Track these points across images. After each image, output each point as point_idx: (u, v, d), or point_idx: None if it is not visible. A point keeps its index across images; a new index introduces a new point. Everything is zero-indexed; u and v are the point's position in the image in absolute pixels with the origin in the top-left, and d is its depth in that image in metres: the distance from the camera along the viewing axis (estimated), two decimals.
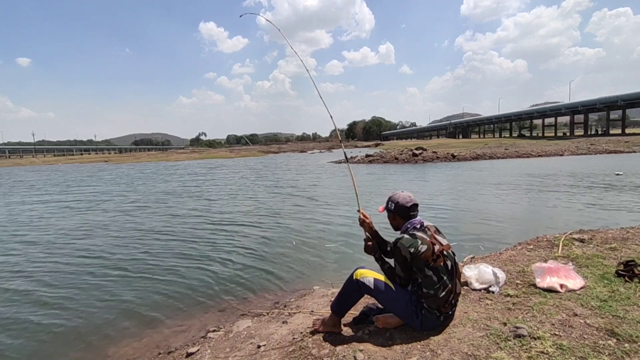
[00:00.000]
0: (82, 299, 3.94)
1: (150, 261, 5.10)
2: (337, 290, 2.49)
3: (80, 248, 5.91)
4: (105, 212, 9.25)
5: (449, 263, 2.17)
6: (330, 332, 2.34)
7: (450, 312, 2.23)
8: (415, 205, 2.29)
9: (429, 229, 2.24)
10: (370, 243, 2.38)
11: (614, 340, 1.99)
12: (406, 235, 2.17)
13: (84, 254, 5.54)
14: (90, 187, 16.70)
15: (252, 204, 10.00)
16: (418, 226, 2.23)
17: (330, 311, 2.40)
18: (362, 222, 2.45)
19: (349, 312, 2.57)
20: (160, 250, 5.61)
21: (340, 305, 2.35)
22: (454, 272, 2.19)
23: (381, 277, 2.27)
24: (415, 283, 2.17)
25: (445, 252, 2.16)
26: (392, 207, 2.31)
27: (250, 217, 8.10)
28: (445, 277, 2.12)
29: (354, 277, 2.28)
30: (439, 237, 2.22)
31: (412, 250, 2.10)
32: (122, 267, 4.88)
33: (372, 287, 2.23)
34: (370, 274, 2.27)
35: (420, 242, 2.12)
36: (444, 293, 2.11)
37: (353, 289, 2.29)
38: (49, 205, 10.93)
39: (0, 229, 7.61)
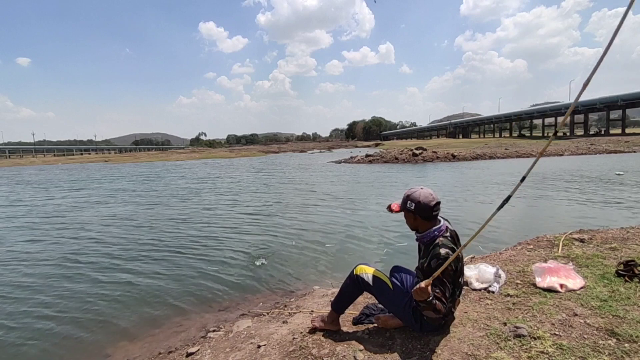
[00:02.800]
0: (81, 298, 3.94)
1: (149, 260, 5.10)
2: (337, 290, 2.49)
3: (80, 245, 5.92)
4: (116, 208, 9.26)
5: (461, 279, 2.16)
6: (328, 330, 2.34)
7: (449, 318, 2.23)
8: (438, 204, 2.08)
9: (454, 235, 2.12)
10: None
11: (614, 340, 1.99)
12: (450, 252, 1.98)
13: (84, 252, 5.55)
14: (104, 184, 16.94)
15: (252, 202, 10.01)
16: (448, 235, 2.06)
17: (329, 309, 2.40)
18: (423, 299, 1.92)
19: (349, 312, 2.57)
20: (159, 250, 5.61)
21: (340, 301, 2.35)
22: (462, 288, 2.19)
23: (380, 274, 2.26)
24: None
25: (462, 269, 2.15)
26: (412, 207, 2.07)
27: (251, 216, 8.10)
28: (457, 291, 2.12)
29: (354, 272, 2.28)
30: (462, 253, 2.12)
31: (453, 266, 2.00)
32: (120, 267, 4.88)
33: (371, 283, 2.22)
34: (371, 271, 2.26)
35: (457, 259, 2.02)
36: (450, 304, 2.11)
37: (353, 284, 2.29)
38: (74, 201, 11.02)
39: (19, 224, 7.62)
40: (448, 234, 2.09)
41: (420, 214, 2.07)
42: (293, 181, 15.89)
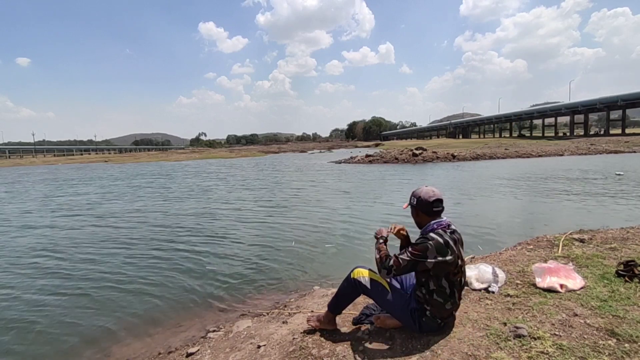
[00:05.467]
0: (81, 298, 3.94)
1: (149, 260, 5.10)
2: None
3: (85, 244, 5.91)
4: (133, 204, 9.26)
5: (462, 279, 2.16)
6: (324, 329, 2.36)
7: (450, 320, 2.23)
8: (439, 201, 2.14)
9: (457, 237, 2.13)
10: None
11: (614, 340, 1.99)
12: (440, 240, 2.02)
13: (88, 252, 5.55)
14: (118, 182, 17.16)
15: (255, 201, 10.03)
16: (448, 231, 2.09)
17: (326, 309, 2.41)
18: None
19: (349, 312, 2.57)
20: (160, 250, 5.60)
21: (337, 303, 2.37)
22: (462, 289, 2.20)
23: (378, 277, 2.25)
24: (426, 289, 2.09)
25: (463, 268, 2.15)
26: (415, 202, 2.19)
27: (250, 216, 8.10)
28: (456, 293, 2.11)
29: (352, 276, 2.29)
30: (461, 250, 2.14)
31: (439, 258, 1.99)
32: (121, 267, 4.87)
33: (369, 286, 2.23)
34: (368, 274, 2.27)
35: (450, 252, 2.02)
36: (450, 306, 2.12)
37: (350, 287, 2.30)
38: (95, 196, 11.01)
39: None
40: (449, 230, 2.10)
41: (421, 209, 2.17)
42: (296, 180, 15.89)
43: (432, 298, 2.08)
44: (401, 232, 2.32)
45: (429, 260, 2.00)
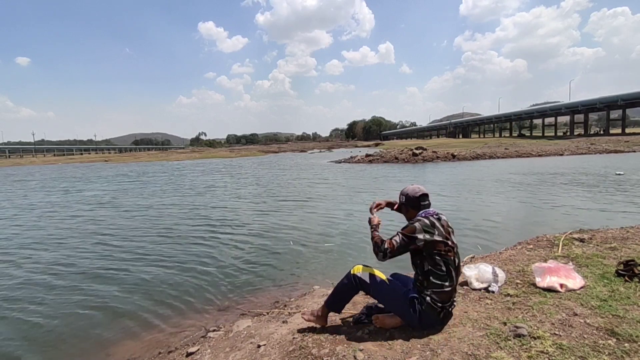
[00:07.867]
0: (81, 298, 3.94)
1: (148, 259, 5.10)
2: None
3: (84, 244, 5.92)
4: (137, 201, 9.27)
5: (457, 260, 2.22)
6: (315, 324, 2.41)
7: (449, 309, 2.25)
8: (425, 195, 2.32)
9: (445, 222, 2.24)
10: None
11: (614, 340, 1.99)
12: (427, 221, 2.18)
13: (89, 250, 5.55)
14: (126, 180, 17.20)
15: (255, 200, 10.03)
16: (435, 217, 2.23)
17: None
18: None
19: (349, 312, 2.57)
20: (160, 250, 5.61)
21: (335, 299, 2.40)
22: (459, 271, 2.25)
23: (378, 272, 2.32)
24: (422, 271, 2.17)
25: (455, 250, 2.22)
26: (404, 200, 2.38)
27: (249, 215, 8.11)
28: (452, 272, 2.16)
29: (352, 272, 2.34)
30: (452, 236, 2.24)
31: (427, 236, 2.12)
32: (121, 266, 4.88)
33: (368, 281, 2.28)
34: (368, 269, 2.33)
35: (437, 232, 2.15)
36: (449, 287, 2.15)
37: (349, 283, 2.34)
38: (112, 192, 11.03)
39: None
40: (436, 217, 2.23)
41: (410, 205, 2.35)
42: (296, 179, 15.90)
43: (430, 281, 2.14)
44: (380, 207, 2.52)
45: (419, 237, 2.13)
